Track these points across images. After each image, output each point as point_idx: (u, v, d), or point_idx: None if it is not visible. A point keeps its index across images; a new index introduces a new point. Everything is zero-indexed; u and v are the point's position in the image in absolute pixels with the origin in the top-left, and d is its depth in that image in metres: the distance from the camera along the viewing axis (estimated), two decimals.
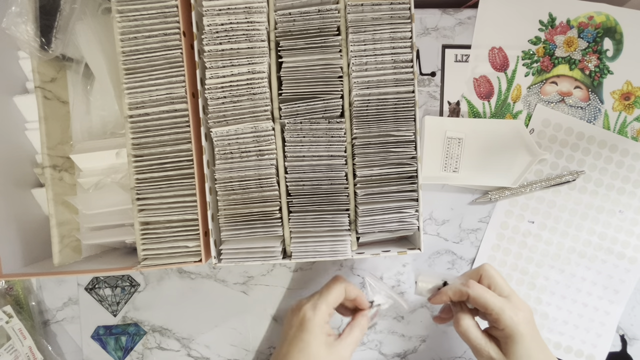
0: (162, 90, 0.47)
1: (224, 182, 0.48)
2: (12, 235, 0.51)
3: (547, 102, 0.60)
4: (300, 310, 0.45)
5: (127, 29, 0.46)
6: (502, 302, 0.44)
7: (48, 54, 0.49)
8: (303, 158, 0.48)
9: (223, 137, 0.47)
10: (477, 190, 0.61)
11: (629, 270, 0.61)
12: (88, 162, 0.54)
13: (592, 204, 0.61)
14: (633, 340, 0.62)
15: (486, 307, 0.44)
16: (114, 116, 0.54)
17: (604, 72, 0.60)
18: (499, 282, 0.47)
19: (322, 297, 0.45)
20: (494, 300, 0.44)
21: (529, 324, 0.44)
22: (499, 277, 0.47)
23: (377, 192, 0.48)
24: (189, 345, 0.62)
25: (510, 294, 0.46)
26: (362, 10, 0.47)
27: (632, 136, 0.60)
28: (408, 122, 0.47)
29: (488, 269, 0.48)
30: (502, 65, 0.60)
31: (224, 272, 0.61)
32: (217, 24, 0.46)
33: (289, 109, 0.47)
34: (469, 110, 0.61)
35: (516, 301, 0.45)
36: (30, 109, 0.53)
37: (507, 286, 0.47)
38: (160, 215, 0.48)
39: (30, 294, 0.61)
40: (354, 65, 0.47)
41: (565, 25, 0.60)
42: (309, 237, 0.47)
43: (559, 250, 0.61)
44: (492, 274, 0.47)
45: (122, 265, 0.49)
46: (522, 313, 0.44)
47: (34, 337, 0.59)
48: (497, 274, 0.47)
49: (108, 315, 0.62)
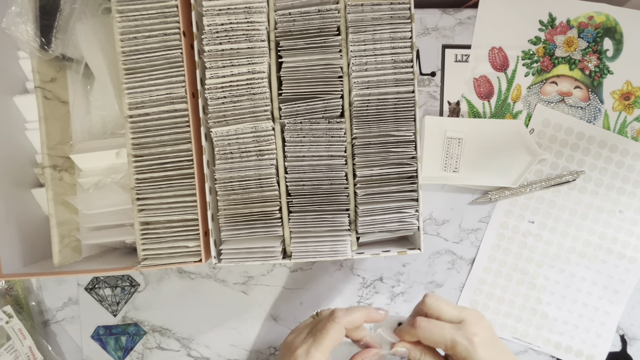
0: (162, 90, 0.47)
1: (224, 182, 0.48)
2: (12, 235, 0.51)
3: (547, 102, 0.60)
4: (292, 355, 0.41)
5: (127, 29, 0.46)
6: (453, 332, 0.40)
7: (48, 54, 0.49)
8: (303, 158, 0.48)
9: (223, 137, 0.47)
10: (477, 190, 0.61)
11: (629, 270, 0.61)
12: (88, 162, 0.54)
13: (592, 204, 0.61)
14: (633, 340, 0.62)
15: (437, 343, 0.41)
16: (114, 116, 0.54)
17: (604, 72, 0.60)
18: (445, 309, 0.42)
19: (316, 343, 0.40)
20: (443, 334, 0.40)
21: (488, 345, 0.40)
22: (444, 304, 0.42)
23: (377, 192, 0.48)
24: (189, 345, 0.62)
25: (463, 318, 0.41)
26: (362, 10, 0.47)
27: (632, 136, 0.60)
28: (408, 122, 0.47)
29: (428, 300, 0.43)
30: (502, 65, 0.60)
31: (224, 272, 0.61)
32: (217, 24, 0.46)
33: (289, 109, 0.47)
34: (469, 110, 0.61)
35: (470, 324, 0.41)
36: (30, 109, 0.53)
37: (456, 310, 0.42)
38: (160, 215, 0.48)
39: (30, 294, 0.61)
40: (354, 65, 0.47)
41: (565, 25, 0.60)
42: (309, 237, 0.47)
43: (559, 250, 0.61)
44: (434, 305, 0.42)
45: (122, 265, 0.49)
46: (477, 338, 0.40)
47: (34, 337, 0.59)
48: (441, 301, 0.42)
49: (108, 315, 0.62)
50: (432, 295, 0.43)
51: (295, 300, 0.62)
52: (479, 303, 0.62)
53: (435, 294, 0.44)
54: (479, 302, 0.62)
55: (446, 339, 0.40)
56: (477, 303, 0.62)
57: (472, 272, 0.62)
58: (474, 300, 0.62)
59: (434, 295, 0.43)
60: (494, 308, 0.62)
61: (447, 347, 0.40)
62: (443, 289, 0.62)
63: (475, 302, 0.62)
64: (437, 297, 0.43)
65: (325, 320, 0.42)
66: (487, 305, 0.62)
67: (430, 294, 0.44)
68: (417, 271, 0.62)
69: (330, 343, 0.40)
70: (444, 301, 0.43)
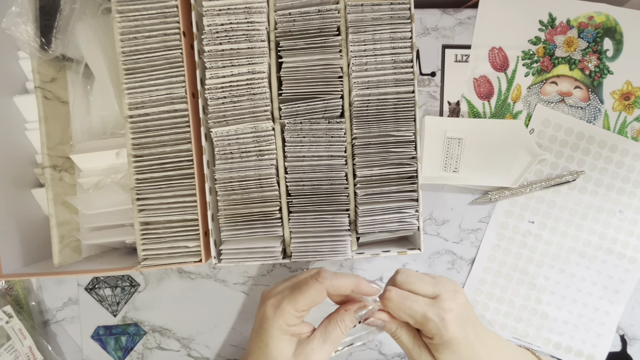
0: (162, 90, 0.47)
1: (224, 182, 0.48)
2: (12, 235, 0.51)
3: (547, 102, 0.60)
4: (264, 304, 0.39)
5: (127, 29, 0.46)
6: (425, 307, 0.38)
7: (48, 54, 0.49)
8: (303, 158, 0.48)
9: (223, 137, 0.47)
10: (477, 190, 0.61)
11: (629, 270, 0.61)
12: (88, 162, 0.54)
13: (592, 204, 0.61)
14: (633, 340, 0.62)
15: (407, 317, 0.38)
16: (114, 116, 0.54)
17: (604, 72, 0.60)
18: (417, 286, 0.40)
19: (291, 296, 0.38)
20: (414, 307, 0.38)
21: (460, 323, 0.38)
22: (416, 280, 0.40)
23: (377, 192, 0.48)
24: (189, 345, 0.62)
25: (438, 293, 0.39)
26: (362, 10, 0.47)
27: (632, 136, 0.60)
28: (408, 122, 0.47)
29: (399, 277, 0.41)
30: (502, 65, 0.60)
31: (224, 272, 0.61)
32: (217, 24, 0.46)
33: (289, 109, 0.47)
34: (469, 110, 0.61)
35: (444, 300, 0.38)
36: (30, 109, 0.53)
37: (430, 285, 0.40)
38: (160, 215, 0.48)
39: (30, 294, 0.61)
40: (354, 65, 0.47)
41: (565, 25, 0.60)
42: (309, 237, 0.47)
43: (559, 250, 0.61)
44: (406, 281, 0.40)
45: (122, 265, 0.49)
46: (449, 314, 0.37)
47: (34, 337, 0.59)
48: (413, 276, 0.40)
49: (108, 315, 0.62)
50: (404, 271, 0.41)
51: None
52: (479, 303, 0.62)
53: (407, 269, 0.41)
54: (479, 302, 0.62)
55: (417, 313, 0.38)
56: (477, 303, 0.62)
57: (472, 272, 0.62)
58: (474, 300, 0.62)
59: (405, 270, 0.41)
60: (494, 308, 0.62)
61: (417, 322, 0.38)
62: None
63: (476, 302, 0.62)
64: (410, 272, 0.41)
65: (308, 277, 0.38)
66: (487, 305, 0.62)
67: (402, 269, 0.41)
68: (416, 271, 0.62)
69: (307, 302, 0.37)
70: (416, 276, 0.40)
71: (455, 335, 0.37)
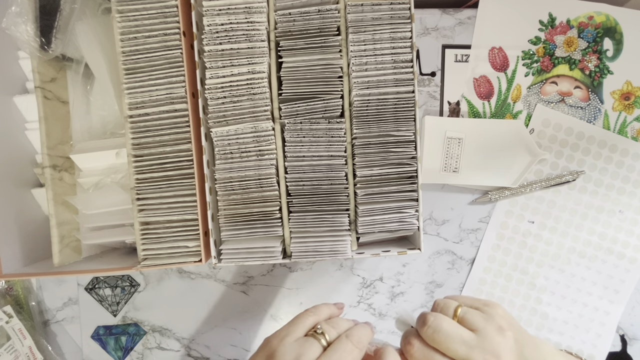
0: (162, 90, 0.47)
1: (224, 182, 0.48)
2: (12, 235, 0.51)
3: (547, 102, 0.60)
4: None
5: (127, 29, 0.46)
6: (467, 348, 0.33)
7: (48, 54, 0.49)
8: (303, 158, 0.48)
9: (223, 137, 0.47)
10: (477, 190, 0.61)
11: (629, 270, 0.61)
12: (88, 162, 0.54)
13: (592, 204, 0.61)
14: (633, 340, 0.62)
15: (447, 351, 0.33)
16: (114, 116, 0.54)
17: (604, 72, 0.60)
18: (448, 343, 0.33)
19: None
20: (455, 348, 0.33)
21: None
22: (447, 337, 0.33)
23: (377, 192, 0.48)
24: (189, 345, 0.62)
25: (482, 328, 0.34)
26: (362, 10, 0.47)
27: (632, 136, 0.60)
28: (408, 122, 0.47)
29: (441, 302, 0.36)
30: (502, 65, 0.60)
31: (224, 272, 0.61)
32: (217, 24, 0.46)
33: (289, 109, 0.47)
34: (469, 110, 0.61)
35: (490, 337, 0.33)
36: (30, 109, 0.53)
37: (479, 317, 0.34)
38: (160, 215, 0.48)
39: (30, 294, 0.61)
40: (354, 65, 0.47)
41: (565, 25, 0.60)
42: (309, 237, 0.47)
43: (559, 250, 0.61)
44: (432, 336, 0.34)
45: (122, 265, 0.49)
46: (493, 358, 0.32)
47: (34, 337, 0.59)
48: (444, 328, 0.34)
49: (108, 315, 0.62)
50: (447, 299, 0.37)
51: (295, 300, 0.62)
52: None
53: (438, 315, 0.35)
54: None
55: (458, 355, 0.33)
56: None
57: (472, 272, 0.62)
58: None
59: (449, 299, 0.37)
60: None
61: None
62: (443, 289, 0.62)
63: None
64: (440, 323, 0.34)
65: None
66: None
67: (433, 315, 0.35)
68: (417, 271, 0.62)
69: None
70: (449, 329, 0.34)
71: None
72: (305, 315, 0.37)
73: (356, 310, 0.62)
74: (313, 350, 0.33)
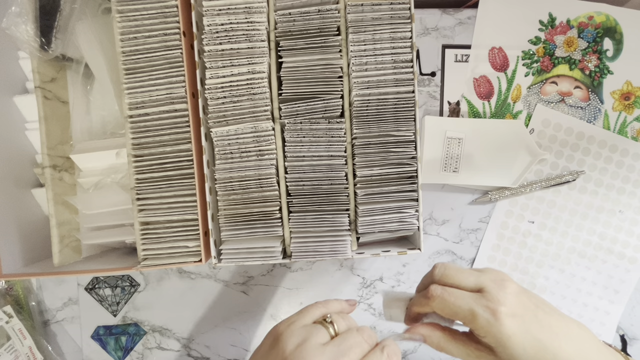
0: (162, 90, 0.47)
1: (224, 182, 0.48)
2: (12, 235, 0.51)
3: (547, 102, 0.60)
4: None
5: (127, 29, 0.46)
6: (471, 302, 0.34)
7: (48, 54, 0.49)
8: (303, 158, 0.48)
9: (223, 137, 0.47)
10: (477, 190, 0.61)
11: (629, 270, 0.61)
12: (88, 162, 0.54)
13: (592, 204, 0.61)
14: (633, 340, 0.62)
15: (455, 315, 0.35)
16: (114, 116, 0.54)
17: (604, 72, 0.60)
18: (461, 277, 0.36)
19: None
20: (460, 304, 0.34)
21: (519, 313, 0.33)
22: (459, 273, 0.36)
23: (377, 192, 0.48)
24: (189, 345, 0.62)
25: (483, 286, 0.35)
26: (362, 10, 0.47)
27: (632, 136, 0.60)
28: (408, 122, 0.47)
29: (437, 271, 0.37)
30: (502, 65, 0.60)
31: (224, 272, 0.61)
32: (217, 24, 0.46)
33: (289, 109, 0.47)
34: (469, 110, 0.61)
35: (492, 291, 0.34)
36: (30, 109, 0.53)
37: (474, 277, 0.36)
38: (160, 215, 0.48)
39: (30, 294, 0.61)
40: (354, 65, 0.47)
41: (565, 25, 0.60)
42: (309, 237, 0.47)
43: (559, 250, 0.61)
44: (444, 273, 0.36)
45: (122, 265, 0.49)
46: (502, 306, 0.33)
47: (34, 337, 0.59)
48: (451, 270, 0.36)
49: (108, 315, 0.62)
50: (441, 265, 0.37)
51: (295, 300, 0.62)
52: None
53: (444, 263, 0.38)
54: None
55: (462, 310, 0.34)
56: None
57: None
58: None
59: (443, 264, 0.37)
60: None
61: (466, 319, 0.34)
62: None
63: None
64: (447, 265, 0.37)
65: None
66: None
67: (439, 263, 0.37)
68: (417, 271, 0.62)
69: None
70: (455, 269, 0.36)
71: (513, 331, 0.33)
72: (314, 305, 0.37)
73: (356, 310, 0.62)
74: (320, 335, 0.33)
